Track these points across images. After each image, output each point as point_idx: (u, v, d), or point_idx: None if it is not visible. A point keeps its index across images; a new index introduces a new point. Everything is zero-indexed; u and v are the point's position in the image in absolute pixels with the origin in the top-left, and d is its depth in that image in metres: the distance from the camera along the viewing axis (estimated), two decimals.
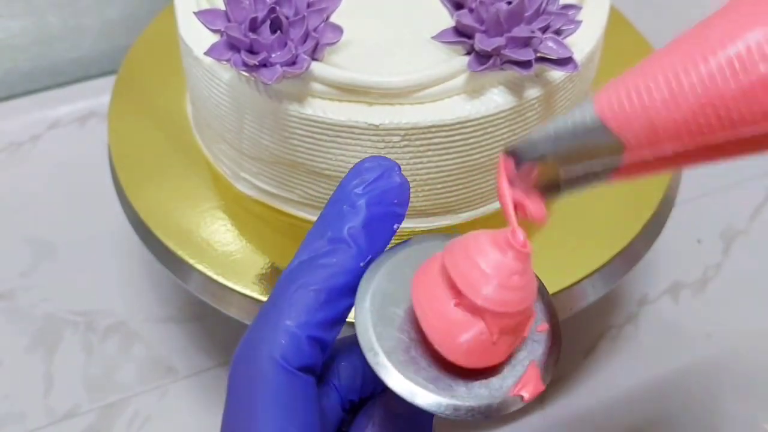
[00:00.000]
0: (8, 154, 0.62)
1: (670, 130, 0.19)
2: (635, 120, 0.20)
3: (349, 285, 0.24)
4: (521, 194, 0.22)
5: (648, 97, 0.19)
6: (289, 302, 0.23)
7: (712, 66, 0.19)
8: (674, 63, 0.19)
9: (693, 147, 0.19)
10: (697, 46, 0.19)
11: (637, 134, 0.20)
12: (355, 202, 0.24)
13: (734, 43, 0.18)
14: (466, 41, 0.37)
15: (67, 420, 0.48)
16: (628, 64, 0.54)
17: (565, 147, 0.21)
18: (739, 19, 0.19)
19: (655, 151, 0.20)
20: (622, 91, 0.20)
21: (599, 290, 0.42)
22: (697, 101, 0.19)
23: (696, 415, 0.48)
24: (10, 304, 0.53)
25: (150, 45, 0.53)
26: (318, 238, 0.24)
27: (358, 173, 0.25)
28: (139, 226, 0.44)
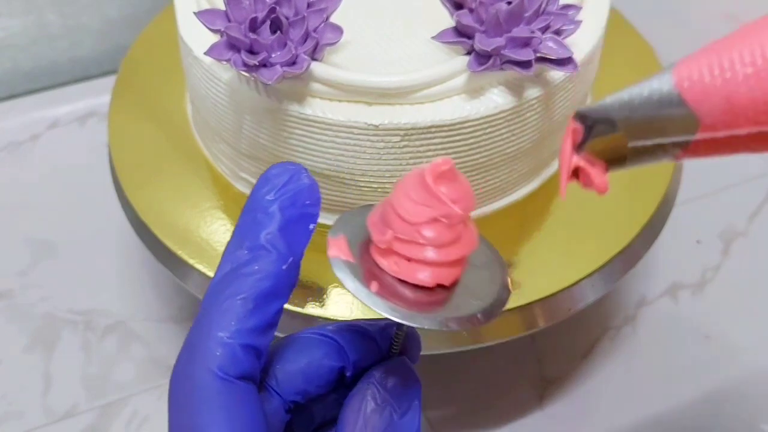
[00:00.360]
0: (8, 154, 0.62)
1: (750, 110, 0.18)
2: (714, 95, 0.19)
3: (274, 289, 0.24)
4: (585, 161, 0.22)
5: (731, 71, 0.18)
6: (219, 313, 0.24)
7: None
8: (761, 39, 0.18)
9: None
10: None
11: (713, 110, 0.19)
12: (268, 208, 0.25)
13: None
14: (466, 41, 0.37)
15: (65, 419, 0.48)
16: (628, 64, 0.54)
17: (638, 117, 0.20)
18: None
19: (730, 131, 0.19)
20: (704, 63, 0.19)
21: (598, 290, 0.42)
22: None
23: (695, 416, 0.48)
24: (9, 303, 0.53)
25: (150, 45, 0.53)
26: (237, 248, 0.25)
27: (266, 180, 0.25)
28: (139, 226, 0.44)
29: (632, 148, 0.21)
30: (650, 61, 0.52)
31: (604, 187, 0.22)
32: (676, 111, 0.19)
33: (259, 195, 0.25)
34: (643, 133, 0.20)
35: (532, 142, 0.41)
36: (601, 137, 0.21)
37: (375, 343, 0.27)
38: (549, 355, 0.51)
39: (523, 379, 0.49)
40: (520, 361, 0.50)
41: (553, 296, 0.40)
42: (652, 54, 0.52)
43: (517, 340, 0.42)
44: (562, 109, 0.41)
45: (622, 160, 0.21)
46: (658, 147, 0.20)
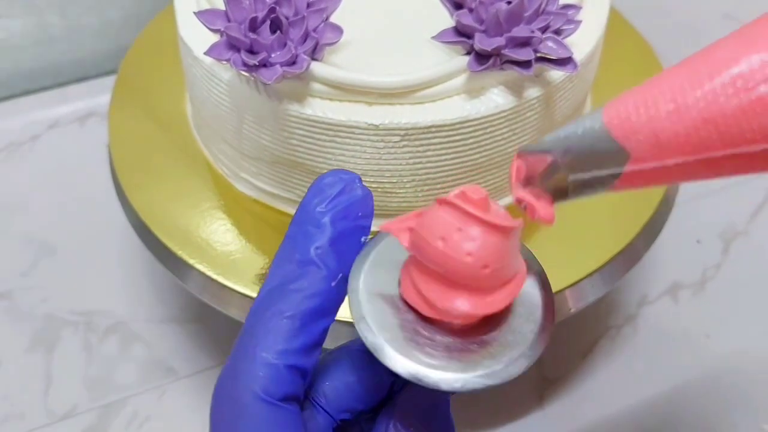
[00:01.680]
0: (8, 154, 0.62)
1: (673, 143, 0.20)
2: (640, 131, 0.20)
3: (322, 307, 0.23)
4: (531, 196, 0.23)
5: (654, 109, 0.20)
6: (264, 332, 0.23)
7: (715, 83, 0.20)
8: (681, 78, 0.20)
9: (694, 161, 0.20)
10: (704, 64, 0.20)
11: (641, 145, 0.21)
12: (320, 221, 0.24)
13: (738, 63, 0.19)
14: (466, 41, 0.37)
15: (66, 420, 0.48)
16: (628, 64, 0.54)
17: (574, 153, 0.22)
18: (745, 41, 0.20)
19: (658, 162, 0.21)
20: (630, 102, 0.21)
21: (599, 290, 0.42)
22: (699, 115, 0.20)
23: (695, 416, 0.48)
24: (10, 304, 0.53)
25: (150, 45, 0.53)
26: (286, 263, 0.24)
27: (318, 190, 0.24)
28: (139, 226, 0.44)
29: (572, 182, 0.22)
30: (650, 61, 0.52)
31: (550, 219, 0.23)
32: (607, 146, 0.21)
33: (311, 206, 0.24)
34: (579, 167, 0.22)
35: (533, 142, 0.41)
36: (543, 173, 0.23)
37: None
38: (549, 355, 0.51)
39: (523, 378, 0.49)
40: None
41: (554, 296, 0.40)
42: (652, 54, 0.52)
43: None
44: (563, 109, 0.41)
45: (564, 192, 0.23)
46: (596, 179, 0.22)
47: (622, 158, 0.21)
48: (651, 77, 0.21)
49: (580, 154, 0.22)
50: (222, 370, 0.24)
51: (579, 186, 0.22)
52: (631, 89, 0.21)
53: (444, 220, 0.22)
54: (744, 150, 0.20)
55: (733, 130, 0.19)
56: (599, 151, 0.21)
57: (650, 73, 0.51)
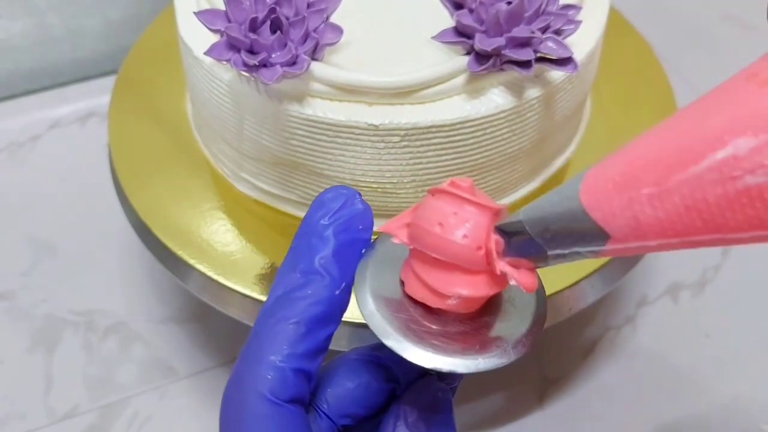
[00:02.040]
0: (8, 154, 0.62)
1: (655, 227, 0.19)
2: (621, 215, 0.20)
3: (326, 314, 0.24)
4: (510, 267, 0.23)
5: (635, 191, 0.19)
6: (271, 336, 0.24)
7: (701, 167, 0.18)
8: (665, 153, 0.19)
9: (678, 241, 0.19)
10: (691, 139, 0.19)
11: (621, 228, 0.20)
12: (323, 233, 0.25)
13: (725, 146, 0.18)
14: (466, 41, 0.37)
15: (67, 420, 0.48)
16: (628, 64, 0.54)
17: (552, 232, 0.21)
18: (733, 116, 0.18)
19: (640, 242, 0.20)
20: (609, 179, 0.20)
21: (599, 291, 0.42)
22: (682, 202, 0.19)
23: (695, 416, 0.48)
24: (10, 304, 0.53)
25: (150, 45, 0.53)
26: (290, 272, 0.25)
27: (321, 204, 0.25)
28: (139, 226, 0.44)
29: (552, 255, 0.22)
30: (650, 61, 0.52)
31: (531, 287, 0.23)
32: (586, 227, 0.20)
33: (314, 219, 0.25)
34: (557, 244, 0.21)
35: (532, 142, 0.41)
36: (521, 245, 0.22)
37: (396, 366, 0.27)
38: (549, 355, 0.51)
39: (523, 378, 0.50)
40: (520, 361, 0.50)
41: (553, 296, 0.40)
42: (652, 54, 0.52)
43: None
44: (563, 109, 0.41)
45: (545, 262, 0.22)
46: (576, 254, 0.21)
47: (603, 237, 0.20)
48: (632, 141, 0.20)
49: (558, 233, 0.21)
50: (230, 377, 0.25)
51: (559, 258, 0.22)
52: (609, 159, 0.20)
53: (439, 207, 0.23)
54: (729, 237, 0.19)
55: (717, 219, 0.18)
56: (578, 230, 0.21)
57: (650, 73, 0.51)
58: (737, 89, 0.19)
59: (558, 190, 0.21)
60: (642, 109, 0.49)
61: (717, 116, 0.18)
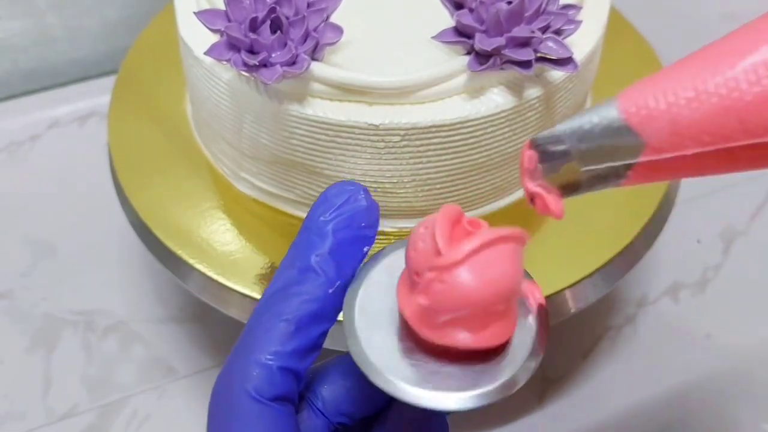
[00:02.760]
0: (8, 154, 0.62)
1: (692, 131, 0.19)
2: (658, 118, 0.20)
3: (319, 312, 0.24)
4: (541, 188, 0.23)
5: (673, 96, 0.20)
6: (261, 332, 0.24)
7: (737, 70, 0.19)
8: (700, 66, 0.20)
9: (711, 151, 0.20)
10: (724, 52, 0.19)
11: (659, 133, 0.20)
12: (322, 230, 0.25)
13: (759, 50, 0.19)
14: (466, 41, 0.37)
15: (66, 419, 0.48)
16: (628, 64, 0.54)
17: (588, 143, 0.21)
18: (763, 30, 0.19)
19: (675, 152, 0.20)
20: (648, 89, 0.20)
21: (599, 290, 0.42)
22: (720, 103, 0.19)
23: (695, 416, 0.48)
24: (9, 303, 0.53)
25: (150, 45, 0.53)
26: (289, 268, 0.25)
27: (323, 200, 0.25)
28: (139, 226, 0.44)
29: (585, 173, 0.22)
30: (650, 61, 0.52)
31: (560, 213, 0.23)
32: (623, 135, 0.20)
33: (315, 215, 0.25)
34: (593, 158, 0.21)
35: None
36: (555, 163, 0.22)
37: None
38: (549, 355, 0.50)
39: None
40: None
41: (553, 296, 0.40)
42: (652, 54, 0.52)
43: None
44: (563, 109, 0.41)
45: (576, 185, 0.22)
46: (611, 170, 0.21)
47: (638, 147, 0.20)
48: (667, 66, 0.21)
49: (594, 144, 0.21)
50: (222, 368, 0.24)
51: (592, 178, 0.22)
52: (646, 78, 0.21)
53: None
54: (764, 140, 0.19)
55: (755, 118, 0.19)
56: (615, 140, 0.20)
57: (650, 73, 0.51)
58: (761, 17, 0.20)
59: (596, 105, 0.21)
60: None
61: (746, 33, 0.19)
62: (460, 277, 0.22)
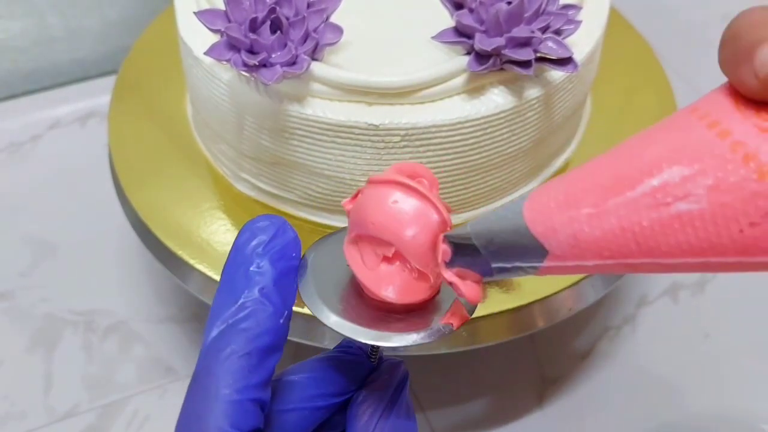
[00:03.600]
0: (8, 154, 0.62)
1: (592, 247, 0.20)
2: (560, 231, 0.20)
3: (273, 343, 0.24)
4: (457, 277, 0.24)
5: (575, 210, 0.20)
6: (224, 371, 0.24)
7: (636, 192, 0.19)
8: (605, 178, 0.20)
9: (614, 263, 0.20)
10: (629, 167, 0.20)
11: (560, 245, 0.21)
12: (259, 262, 0.25)
13: (660, 173, 0.19)
14: (466, 41, 0.37)
15: (66, 419, 0.48)
16: (628, 64, 0.54)
17: (496, 245, 0.22)
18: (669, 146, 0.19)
19: (578, 260, 0.21)
20: (552, 198, 0.21)
21: (599, 290, 0.42)
22: (618, 223, 0.19)
23: (695, 416, 0.48)
24: (10, 303, 0.53)
25: (150, 45, 0.53)
26: (231, 304, 0.25)
27: (252, 234, 0.26)
28: (139, 226, 0.44)
29: (496, 268, 0.23)
30: (650, 61, 0.52)
31: (475, 299, 0.24)
32: (527, 242, 0.21)
33: (248, 249, 0.25)
34: (501, 257, 0.22)
35: (532, 142, 0.41)
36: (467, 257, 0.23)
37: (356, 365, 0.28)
38: (549, 355, 0.51)
39: (523, 379, 0.50)
40: (520, 361, 0.50)
41: (553, 296, 0.40)
42: (652, 54, 0.52)
43: (517, 340, 0.43)
44: (563, 109, 0.41)
45: (489, 274, 0.23)
46: (518, 268, 0.22)
47: (542, 253, 0.21)
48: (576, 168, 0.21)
49: (501, 246, 0.22)
50: (180, 415, 0.24)
51: (502, 271, 0.23)
52: (554, 181, 0.21)
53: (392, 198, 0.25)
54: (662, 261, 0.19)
55: (650, 242, 0.19)
56: (520, 245, 0.21)
57: (650, 73, 0.51)
58: (678, 122, 0.20)
59: (504, 206, 0.22)
60: (642, 109, 0.49)
61: (656, 145, 0.20)
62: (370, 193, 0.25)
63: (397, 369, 0.28)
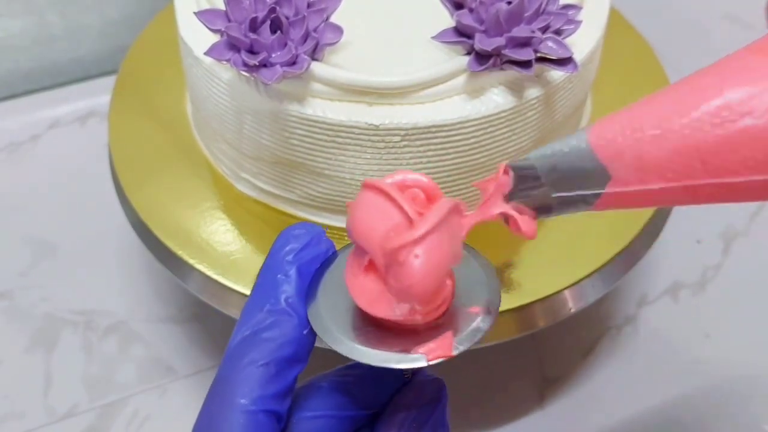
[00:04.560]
0: (8, 154, 0.62)
1: (656, 167, 0.20)
2: (625, 153, 0.21)
3: (295, 354, 0.24)
4: (514, 210, 0.23)
5: (640, 132, 0.21)
6: (241, 379, 0.24)
7: (701, 111, 0.20)
8: (668, 104, 0.20)
9: (675, 187, 0.20)
10: (690, 92, 0.20)
11: (624, 167, 0.21)
12: (288, 271, 0.25)
13: (722, 94, 0.20)
14: (466, 41, 0.37)
15: (66, 419, 0.48)
16: (628, 64, 0.54)
17: (559, 171, 0.22)
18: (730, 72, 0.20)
19: (640, 186, 0.21)
20: (616, 124, 0.21)
21: (599, 290, 0.42)
22: (683, 142, 0.20)
23: (695, 416, 0.48)
24: (9, 303, 0.53)
25: (150, 45, 0.53)
26: (257, 311, 0.25)
27: (286, 241, 0.25)
28: (139, 226, 0.44)
29: (556, 198, 0.23)
30: (650, 61, 0.52)
31: (532, 234, 0.24)
32: (591, 166, 0.21)
33: (280, 255, 0.25)
34: (564, 186, 0.22)
35: (533, 141, 0.41)
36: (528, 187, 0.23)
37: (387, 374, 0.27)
38: (550, 355, 0.51)
39: (523, 378, 0.50)
40: (520, 361, 0.50)
41: (553, 296, 0.40)
42: (652, 54, 0.52)
43: (517, 340, 0.42)
44: (563, 109, 0.41)
45: (548, 209, 0.23)
46: (579, 197, 0.22)
47: (606, 179, 0.21)
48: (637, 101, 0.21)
49: (564, 173, 0.22)
50: (197, 419, 0.24)
51: (563, 203, 0.23)
52: (617, 111, 0.22)
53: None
54: (725, 180, 0.20)
55: (716, 159, 0.20)
56: (583, 170, 0.22)
57: (650, 73, 0.51)
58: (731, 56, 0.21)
59: (568, 136, 0.22)
60: None
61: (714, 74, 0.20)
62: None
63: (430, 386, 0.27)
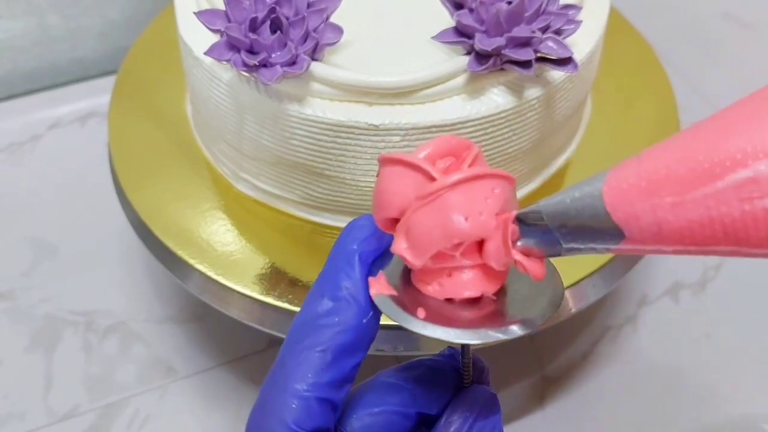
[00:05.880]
0: (8, 154, 0.62)
1: (675, 234, 0.20)
2: (642, 219, 0.20)
3: (353, 342, 0.24)
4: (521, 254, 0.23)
5: (657, 198, 0.20)
6: (296, 364, 0.24)
7: (725, 183, 0.19)
8: (688, 165, 0.19)
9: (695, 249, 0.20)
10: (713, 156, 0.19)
11: (640, 230, 0.20)
12: (351, 258, 0.25)
13: (746, 166, 0.18)
14: (466, 41, 0.37)
15: (67, 420, 0.48)
16: (628, 64, 0.54)
17: (570, 227, 0.22)
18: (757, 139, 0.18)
19: (657, 245, 0.20)
20: (633, 187, 0.20)
21: (599, 290, 0.42)
22: (706, 213, 0.19)
23: (695, 416, 0.48)
24: (10, 304, 0.53)
25: (150, 45, 0.53)
26: (319, 297, 0.24)
27: (351, 229, 0.25)
28: (139, 226, 0.44)
29: (566, 248, 0.22)
30: (650, 61, 0.52)
31: (540, 276, 0.23)
32: (605, 226, 0.21)
33: (344, 243, 0.25)
34: (574, 239, 0.22)
35: (533, 142, 0.41)
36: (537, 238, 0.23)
37: (445, 377, 0.27)
38: (550, 355, 0.51)
39: (523, 378, 0.49)
40: (520, 361, 0.50)
41: None
42: (652, 54, 0.52)
43: (517, 340, 0.42)
44: (563, 109, 0.41)
45: (557, 253, 0.23)
46: (590, 248, 0.22)
47: (619, 237, 0.21)
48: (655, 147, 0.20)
49: (575, 229, 0.21)
50: (256, 401, 0.24)
51: (573, 251, 0.22)
52: (631, 163, 0.20)
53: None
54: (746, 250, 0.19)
55: (740, 233, 0.19)
56: (597, 228, 0.21)
57: (650, 73, 0.51)
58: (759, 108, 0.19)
59: (579, 187, 0.21)
60: (642, 108, 0.49)
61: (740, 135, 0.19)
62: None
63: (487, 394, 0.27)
